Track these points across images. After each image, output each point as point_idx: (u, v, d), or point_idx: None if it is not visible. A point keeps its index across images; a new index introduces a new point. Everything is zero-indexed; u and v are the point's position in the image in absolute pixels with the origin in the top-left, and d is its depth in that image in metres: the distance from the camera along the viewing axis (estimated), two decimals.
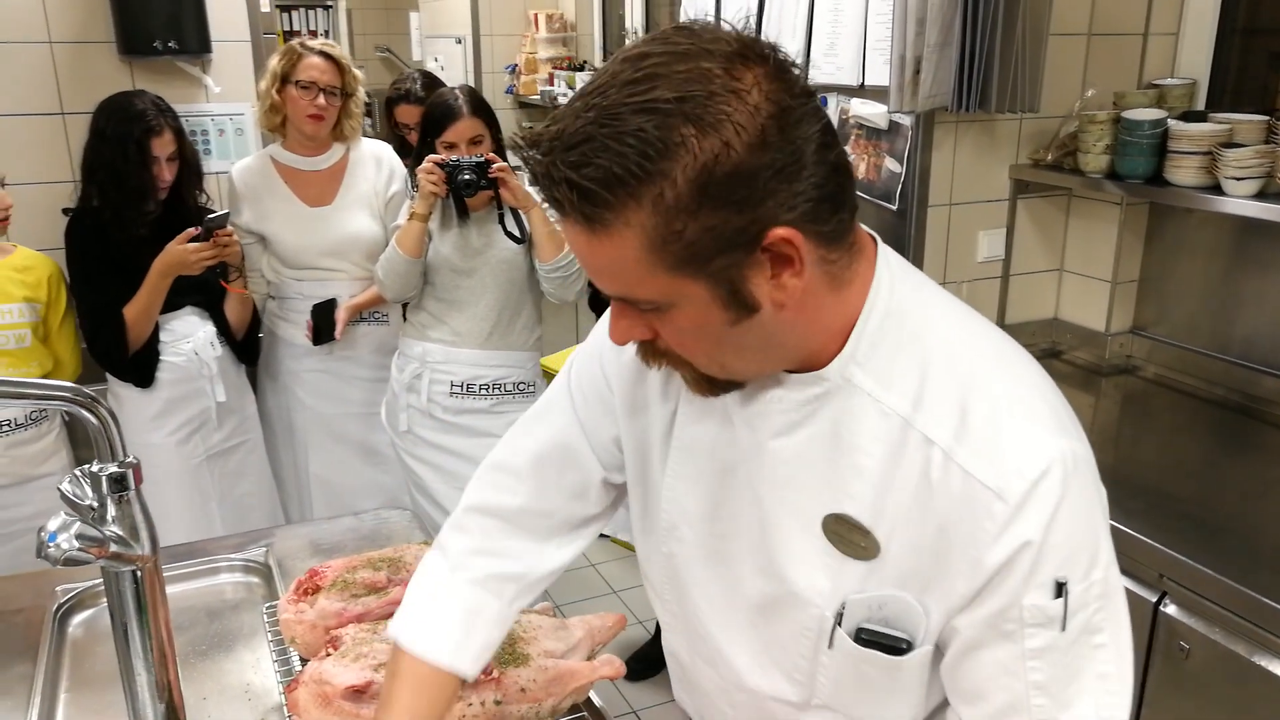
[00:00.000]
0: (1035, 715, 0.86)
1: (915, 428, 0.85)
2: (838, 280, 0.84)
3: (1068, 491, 0.82)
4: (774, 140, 0.74)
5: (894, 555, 0.87)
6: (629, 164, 0.72)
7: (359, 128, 2.78)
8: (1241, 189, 2.08)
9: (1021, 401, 0.86)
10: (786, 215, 0.76)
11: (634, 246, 0.76)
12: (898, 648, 0.90)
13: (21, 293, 2.35)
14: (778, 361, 0.88)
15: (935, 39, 2.29)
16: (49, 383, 1.00)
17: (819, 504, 0.90)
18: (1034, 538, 0.81)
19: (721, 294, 0.79)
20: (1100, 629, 0.85)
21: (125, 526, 1.04)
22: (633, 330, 0.86)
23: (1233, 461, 2.17)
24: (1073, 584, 0.83)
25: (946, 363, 0.86)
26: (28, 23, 2.71)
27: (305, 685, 1.15)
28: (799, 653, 0.96)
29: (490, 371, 2.54)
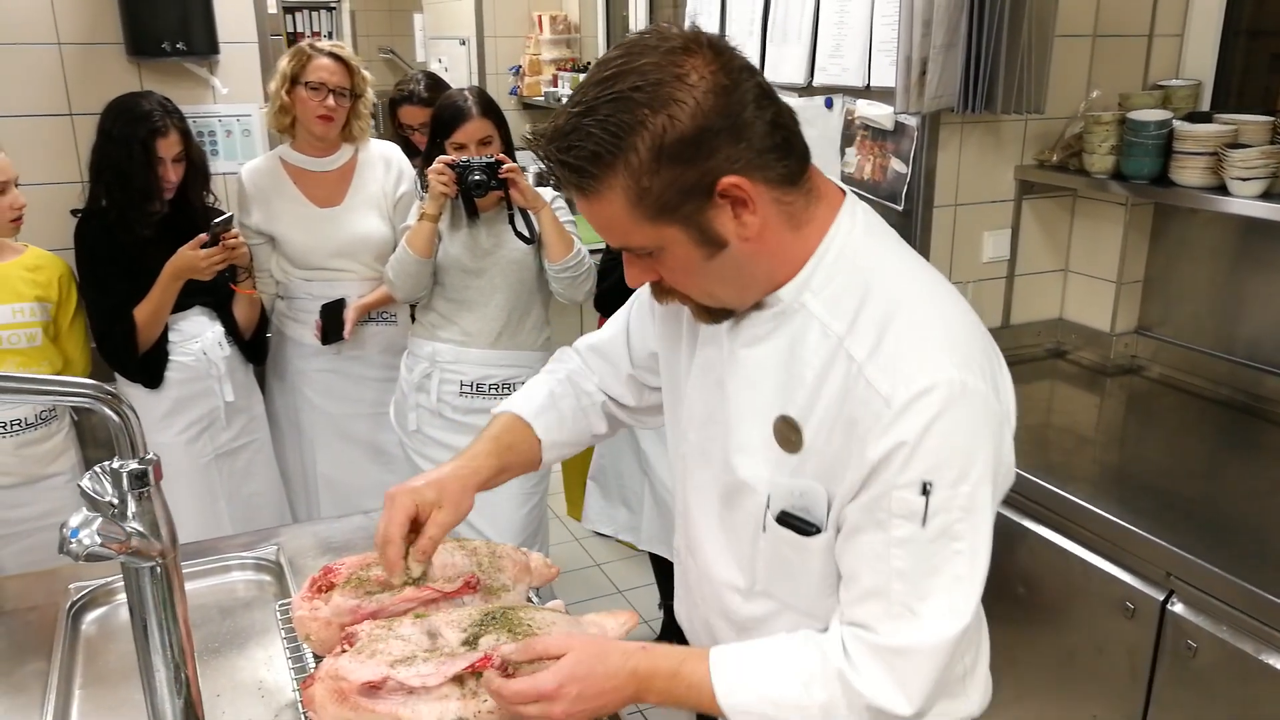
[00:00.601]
0: (894, 599, 1.01)
1: (844, 346, 1.03)
2: (795, 219, 1.04)
3: (947, 410, 0.97)
4: (712, 110, 0.95)
5: (814, 450, 1.06)
6: (603, 143, 0.95)
7: (368, 128, 2.79)
8: (1247, 189, 2.08)
9: (933, 333, 1.02)
10: (733, 166, 0.97)
11: (619, 204, 0.98)
12: (808, 530, 1.08)
13: (33, 292, 2.36)
14: (755, 289, 1.08)
15: (941, 40, 2.29)
16: (71, 379, 1.01)
17: (772, 406, 1.09)
18: (908, 439, 0.97)
19: (694, 235, 1.00)
20: (960, 537, 1.00)
21: (145, 522, 1.04)
22: (643, 274, 1.08)
23: (1239, 461, 2.17)
24: (938, 489, 0.98)
25: (883, 297, 1.03)
26: (36, 24, 2.72)
27: (321, 681, 1.16)
28: (745, 539, 1.16)
29: (500, 371, 2.54)
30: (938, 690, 1.04)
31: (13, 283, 2.34)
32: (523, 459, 1.36)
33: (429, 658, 1.17)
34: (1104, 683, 1.92)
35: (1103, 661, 1.92)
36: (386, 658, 1.16)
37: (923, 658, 1.01)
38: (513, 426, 1.36)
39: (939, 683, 1.03)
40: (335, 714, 1.14)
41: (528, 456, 1.36)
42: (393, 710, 1.13)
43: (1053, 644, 2.03)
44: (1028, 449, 2.18)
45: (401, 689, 1.14)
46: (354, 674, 1.14)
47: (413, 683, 1.14)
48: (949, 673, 1.05)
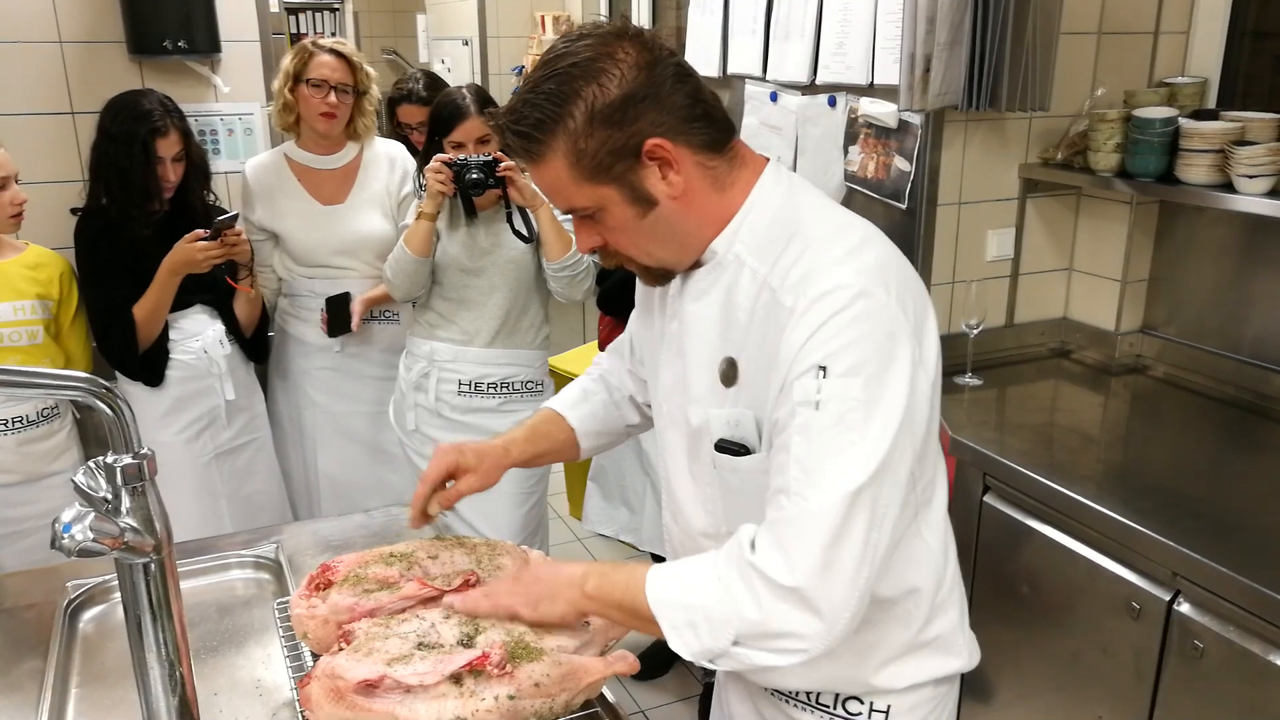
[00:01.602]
0: (792, 486, 1.07)
1: (768, 283, 1.13)
2: (719, 183, 1.16)
3: (844, 310, 1.06)
4: (637, 81, 1.08)
5: (747, 381, 1.16)
6: (546, 112, 1.09)
7: (372, 126, 2.78)
8: (1254, 187, 2.07)
9: (838, 254, 1.11)
10: (657, 130, 1.09)
11: (561, 166, 1.11)
12: (739, 451, 1.18)
13: (34, 290, 2.36)
14: (689, 249, 1.19)
15: (945, 37, 2.28)
16: (64, 373, 1.00)
17: (717, 352, 1.19)
18: (806, 332, 1.07)
19: (628, 194, 1.12)
20: (854, 428, 1.05)
21: (139, 518, 1.03)
22: (589, 239, 1.18)
23: (1245, 460, 2.16)
24: (831, 375, 1.05)
25: (802, 236, 1.14)
26: (38, 22, 2.71)
27: (318, 680, 1.15)
28: (705, 479, 1.25)
29: (498, 370, 2.53)
30: (834, 576, 1.05)
31: (13, 280, 2.33)
32: (558, 446, 1.49)
33: (426, 656, 1.16)
34: (1109, 683, 1.91)
35: (1108, 662, 1.90)
36: (383, 656, 1.15)
37: (804, 524, 1.05)
38: (549, 418, 1.50)
39: (830, 562, 1.04)
40: (332, 713, 1.12)
41: (564, 445, 1.49)
42: (390, 709, 1.12)
43: (1058, 644, 2.02)
44: (1032, 448, 2.16)
45: (399, 687, 1.13)
46: (350, 672, 1.12)
47: (410, 681, 1.13)
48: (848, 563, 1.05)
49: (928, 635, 1.26)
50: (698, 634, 1.09)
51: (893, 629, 1.23)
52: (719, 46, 3.10)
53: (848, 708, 1.26)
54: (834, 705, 1.27)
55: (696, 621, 1.09)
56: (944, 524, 1.27)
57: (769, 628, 1.06)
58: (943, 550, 1.27)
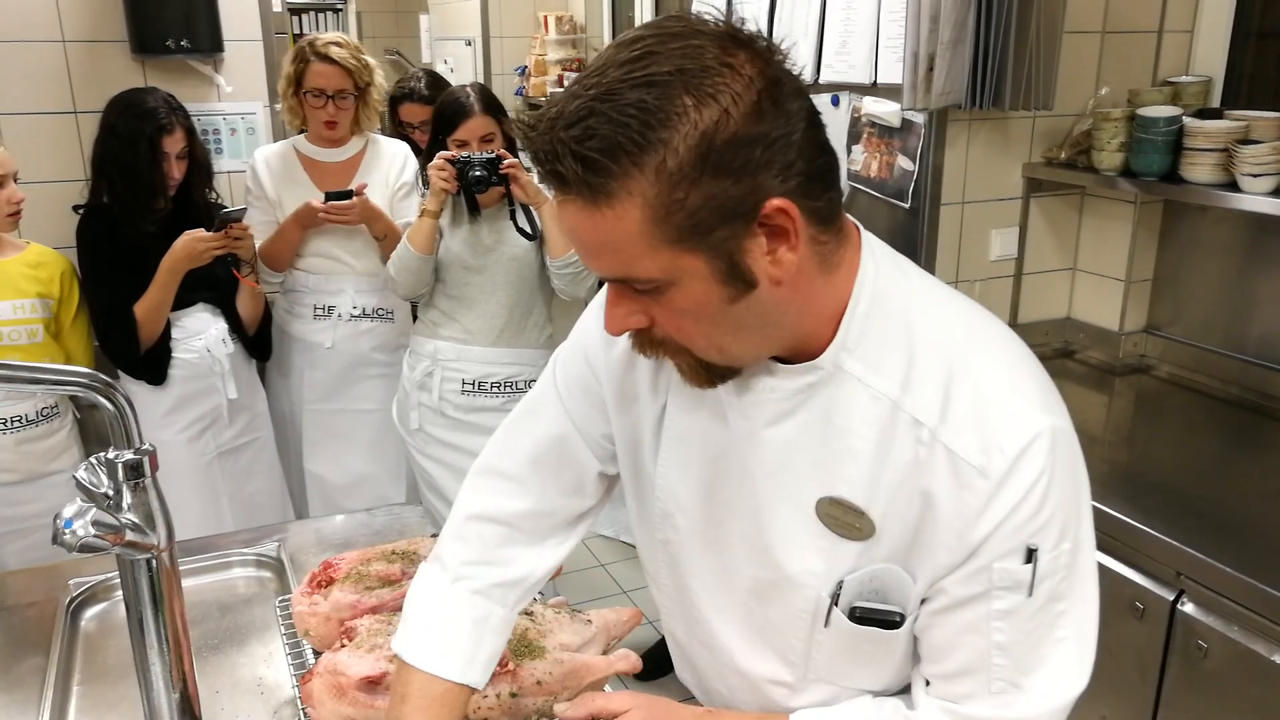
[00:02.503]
0: (995, 674, 0.89)
1: (904, 410, 0.88)
2: (828, 263, 0.87)
3: (1049, 465, 0.85)
4: (768, 111, 0.77)
5: (887, 533, 0.91)
6: (631, 133, 0.75)
7: (375, 119, 2.79)
8: (1258, 185, 2.06)
9: (1003, 380, 0.88)
10: (782, 187, 0.79)
11: (636, 219, 0.77)
12: (892, 621, 0.94)
13: (34, 288, 2.35)
14: (773, 345, 0.90)
15: (948, 36, 2.28)
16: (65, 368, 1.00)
17: (813, 488, 0.92)
18: (1011, 509, 0.85)
19: (721, 268, 0.81)
20: (1063, 597, 0.89)
21: (141, 514, 1.03)
22: (630, 319, 0.87)
23: (1249, 460, 2.15)
24: (1043, 552, 0.86)
25: (931, 345, 0.89)
26: (41, 22, 2.71)
27: (320, 676, 1.15)
28: (793, 635, 0.99)
29: (502, 369, 2.53)
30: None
31: (14, 279, 2.33)
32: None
33: None
34: (1113, 683, 1.90)
35: (1112, 662, 1.90)
36: (385, 652, 1.15)
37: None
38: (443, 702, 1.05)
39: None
40: (333, 709, 1.12)
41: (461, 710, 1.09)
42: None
43: None
44: None
45: None
46: (352, 669, 1.12)
47: None
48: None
49: None
50: None
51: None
52: None
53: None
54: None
55: None
56: None
57: None
58: None
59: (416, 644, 1.06)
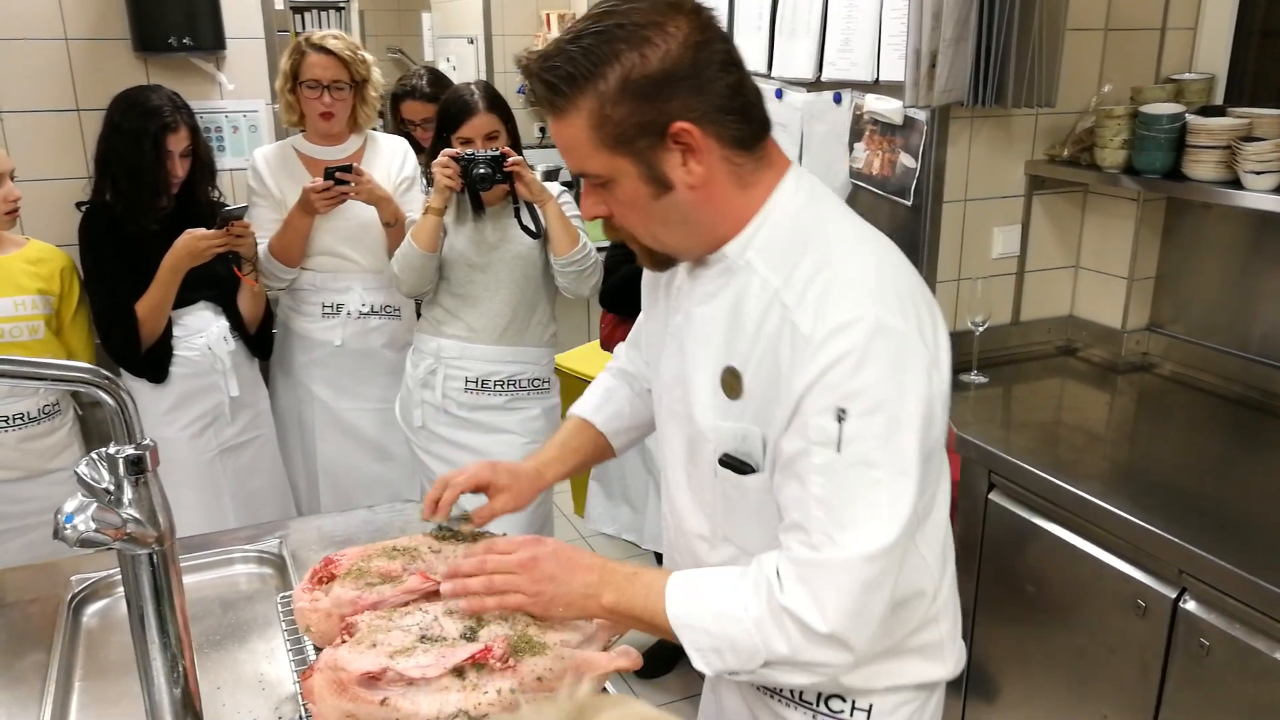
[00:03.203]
0: (815, 526, 1.06)
1: (780, 297, 1.10)
2: (743, 181, 1.12)
3: (863, 344, 1.03)
4: (681, 59, 1.04)
5: (752, 395, 1.13)
6: (580, 67, 1.04)
7: (373, 116, 2.78)
8: (1261, 183, 2.06)
9: (854, 278, 1.08)
10: (689, 114, 1.05)
11: (582, 126, 1.07)
12: (744, 470, 1.15)
13: (35, 285, 2.36)
14: (698, 240, 1.15)
15: (951, 33, 2.27)
16: (67, 363, 0.99)
17: (719, 358, 1.16)
18: (825, 369, 1.04)
19: (645, 172, 1.08)
20: (878, 466, 1.04)
21: (142, 509, 1.03)
22: (595, 206, 1.15)
23: (1251, 458, 2.15)
24: (852, 416, 1.03)
25: (817, 251, 1.11)
26: (44, 19, 2.72)
27: (320, 672, 1.15)
28: (704, 486, 1.23)
29: (505, 368, 2.53)
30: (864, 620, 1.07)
31: (14, 275, 2.33)
32: (590, 456, 1.50)
33: (429, 649, 1.16)
34: (1115, 681, 1.90)
35: (1114, 660, 1.90)
36: (386, 649, 1.15)
37: (838, 573, 1.06)
38: (577, 427, 1.49)
39: (861, 609, 1.06)
40: (334, 705, 1.12)
41: (596, 452, 1.50)
42: (392, 701, 1.11)
43: (1064, 642, 2.01)
44: (1038, 446, 2.15)
45: (401, 680, 1.13)
46: (353, 664, 1.12)
47: (412, 674, 1.12)
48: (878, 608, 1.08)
49: (914, 643, 1.26)
50: (723, 658, 1.12)
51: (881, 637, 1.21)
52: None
53: (830, 705, 1.27)
54: (816, 703, 1.27)
55: (722, 648, 1.11)
56: (943, 536, 1.26)
57: (799, 660, 1.09)
58: (940, 563, 1.25)
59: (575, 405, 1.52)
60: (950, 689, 2.50)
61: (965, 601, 2.24)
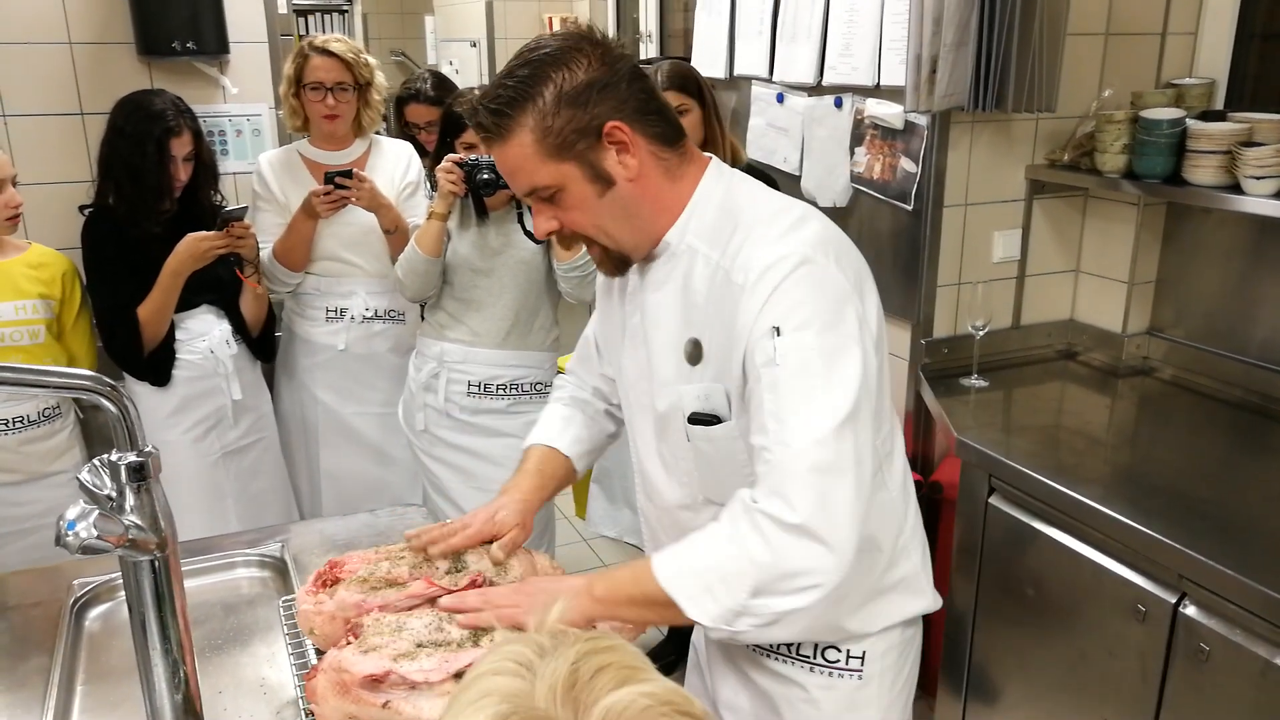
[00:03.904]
0: (771, 436, 1.15)
1: (720, 265, 1.24)
2: (671, 173, 1.27)
3: (790, 275, 1.17)
4: (600, 70, 1.20)
5: (711, 357, 1.25)
6: (517, 90, 1.19)
7: (377, 118, 2.79)
8: (1261, 188, 2.06)
9: (778, 230, 1.22)
10: (616, 115, 1.21)
11: (528, 142, 1.20)
12: (713, 420, 1.26)
13: (36, 289, 2.36)
14: (642, 232, 1.28)
15: (951, 38, 2.28)
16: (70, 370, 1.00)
17: (680, 335, 1.28)
18: (758, 301, 1.17)
19: (588, 172, 1.22)
20: (819, 373, 1.15)
21: (144, 516, 1.04)
22: (548, 223, 1.27)
23: (1251, 463, 2.15)
24: (785, 331, 1.16)
25: (745, 222, 1.25)
26: (48, 23, 2.72)
27: (324, 673, 1.15)
28: (679, 455, 1.33)
29: (507, 372, 2.53)
30: (832, 509, 1.13)
31: (15, 279, 2.34)
32: (562, 480, 1.57)
33: (433, 653, 1.17)
34: (1115, 686, 1.90)
35: (1114, 664, 1.90)
36: (390, 652, 1.15)
37: (792, 465, 1.13)
38: (547, 455, 1.55)
39: (824, 496, 1.13)
40: (337, 706, 1.13)
41: (566, 475, 1.57)
42: (395, 705, 1.12)
43: (1063, 646, 2.01)
44: (1039, 450, 2.16)
45: (404, 683, 1.13)
46: (357, 666, 1.13)
47: (415, 678, 1.13)
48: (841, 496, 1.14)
49: (892, 578, 1.35)
50: (715, 596, 1.15)
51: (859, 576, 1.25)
52: (726, 48, 3.10)
53: (826, 656, 1.35)
54: (814, 655, 1.35)
55: (711, 584, 1.15)
56: (903, 474, 1.37)
57: (782, 568, 1.13)
58: (903, 498, 1.37)
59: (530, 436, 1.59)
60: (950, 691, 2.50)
61: (966, 605, 2.25)
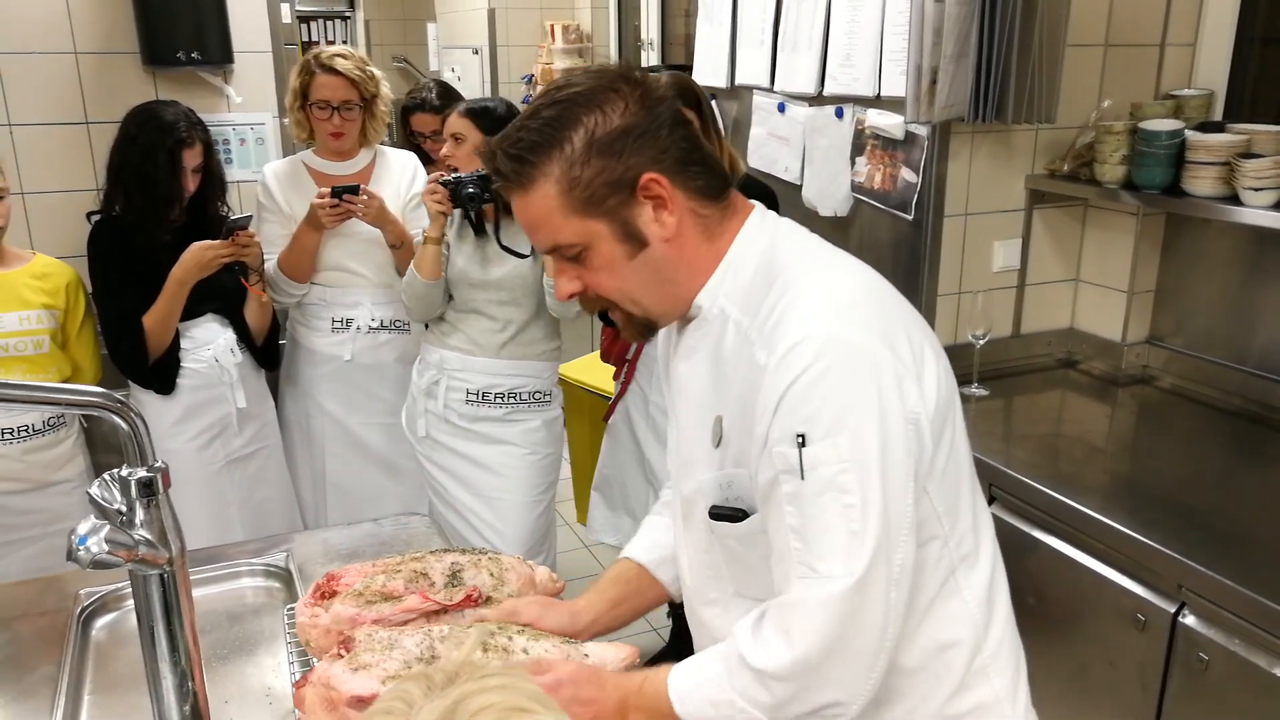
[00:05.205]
0: (794, 558, 1.03)
1: (748, 336, 1.08)
2: (710, 232, 1.12)
3: (816, 363, 1.00)
4: (637, 115, 1.06)
5: (730, 438, 1.10)
6: (543, 134, 1.05)
7: (382, 130, 2.80)
8: (1259, 199, 2.07)
9: (812, 301, 1.05)
10: (654, 166, 1.06)
11: (552, 194, 1.06)
12: (736, 517, 1.11)
13: (40, 299, 2.37)
14: (674, 300, 1.14)
15: (952, 49, 2.29)
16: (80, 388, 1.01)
17: (708, 411, 1.14)
18: (778, 393, 1.02)
19: (619, 230, 1.08)
20: (849, 490, 1.00)
21: (153, 530, 1.05)
22: (570, 285, 1.13)
23: (1251, 472, 2.16)
24: (812, 440, 1.00)
25: (782, 282, 1.08)
26: (53, 33, 2.74)
27: (313, 686, 1.16)
28: (703, 547, 1.20)
29: (505, 381, 2.55)
30: (845, 653, 1.01)
31: (19, 290, 2.35)
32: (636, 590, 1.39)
33: None
34: (1115, 695, 1.91)
35: (1114, 674, 1.91)
36: (379, 672, 1.15)
37: (813, 607, 1.01)
38: (621, 569, 1.41)
39: (838, 640, 1.01)
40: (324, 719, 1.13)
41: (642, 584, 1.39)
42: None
43: (1063, 656, 2.02)
44: (1038, 459, 2.17)
45: None
46: (345, 685, 1.13)
47: None
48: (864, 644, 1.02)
49: (963, 705, 1.14)
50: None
51: (920, 699, 1.13)
52: (727, 57, 3.12)
53: None
54: None
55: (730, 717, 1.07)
56: (990, 581, 1.17)
57: (793, 711, 1.04)
58: (985, 610, 1.16)
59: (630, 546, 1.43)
60: None
61: None
